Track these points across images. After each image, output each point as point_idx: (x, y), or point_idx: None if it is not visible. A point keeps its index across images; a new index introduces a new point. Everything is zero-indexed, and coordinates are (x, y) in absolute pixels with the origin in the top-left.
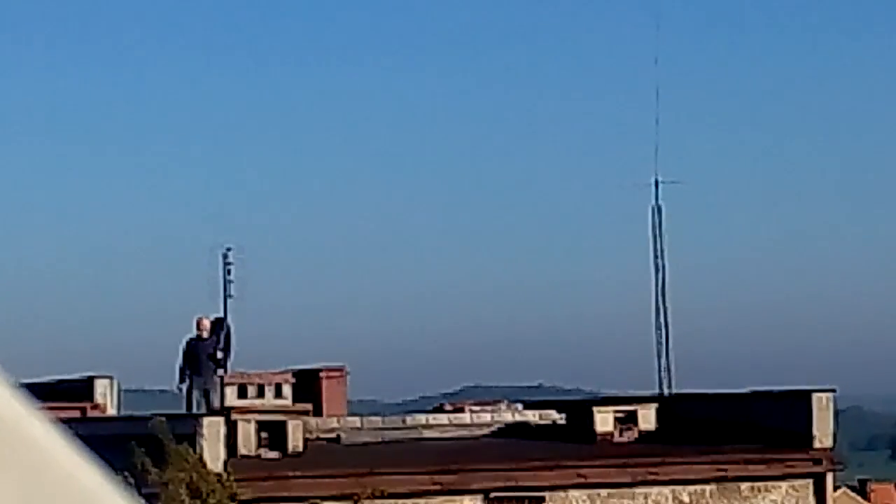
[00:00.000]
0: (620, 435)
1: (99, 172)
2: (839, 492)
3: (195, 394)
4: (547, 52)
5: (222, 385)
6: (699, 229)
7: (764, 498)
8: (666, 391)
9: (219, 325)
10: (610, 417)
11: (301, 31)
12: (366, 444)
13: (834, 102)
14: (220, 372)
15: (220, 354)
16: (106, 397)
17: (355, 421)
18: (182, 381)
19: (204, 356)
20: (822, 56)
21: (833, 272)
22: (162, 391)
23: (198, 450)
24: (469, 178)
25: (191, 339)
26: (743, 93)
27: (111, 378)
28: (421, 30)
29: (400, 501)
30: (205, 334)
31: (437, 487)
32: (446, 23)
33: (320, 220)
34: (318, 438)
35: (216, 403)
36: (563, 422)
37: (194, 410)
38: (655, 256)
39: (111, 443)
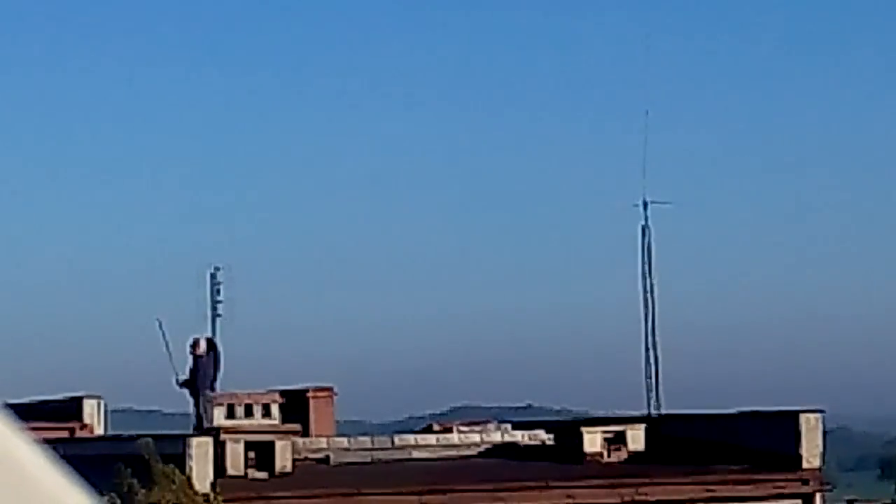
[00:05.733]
0: (609, 455)
1: (86, 192)
2: None
3: (204, 411)
4: (535, 73)
5: (211, 405)
6: (688, 250)
7: None
8: (654, 412)
9: (208, 344)
10: (598, 438)
11: (286, 50)
12: (354, 464)
13: (825, 123)
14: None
15: (214, 373)
16: (94, 417)
17: (343, 441)
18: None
19: (202, 375)
20: (812, 75)
21: (822, 292)
22: (150, 411)
23: (186, 470)
24: (457, 200)
25: (195, 359)
26: (732, 113)
27: (99, 398)
28: (408, 56)
29: None
30: (199, 351)
31: None
32: (433, 46)
33: (309, 239)
34: (306, 459)
35: (214, 421)
36: (551, 442)
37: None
38: (644, 277)
39: (98, 463)
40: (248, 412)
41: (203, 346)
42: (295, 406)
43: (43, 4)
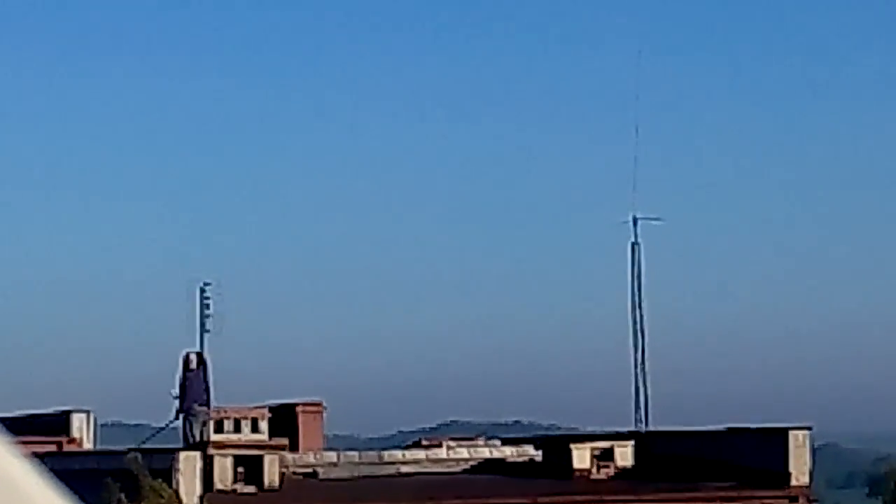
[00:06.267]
0: (597, 471)
1: (74, 207)
2: None
3: (188, 426)
4: (525, 88)
5: (198, 419)
6: (677, 266)
7: None
8: (643, 428)
9: (198, 360)
10: (587, 454)
11: (276, 65)
12: (342, 479)
13: (816, 139)
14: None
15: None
16: (82, 431)
17: (332, 456)
18: (178, 414)
19: (193, 390)
20: (804, 91)
21: (810, 310)
22: (138, 425)
23: (174, 484)
24: (445, 216)
25: (185, 373)
26: (723, 130)
27: (88, 412)
28: (400, 72)
29: None
30: (191, 366)
31: None
32: (424, 61)
33: (298, 254)
34: (294, 473)
35: (205, 436)
36: (539, 458)
37: (191, 442)
38: (634, 293)
39: (87, 477)
40: (237, 427)
41: (194, 361)
42: (283, 421)
43: (17, 23)
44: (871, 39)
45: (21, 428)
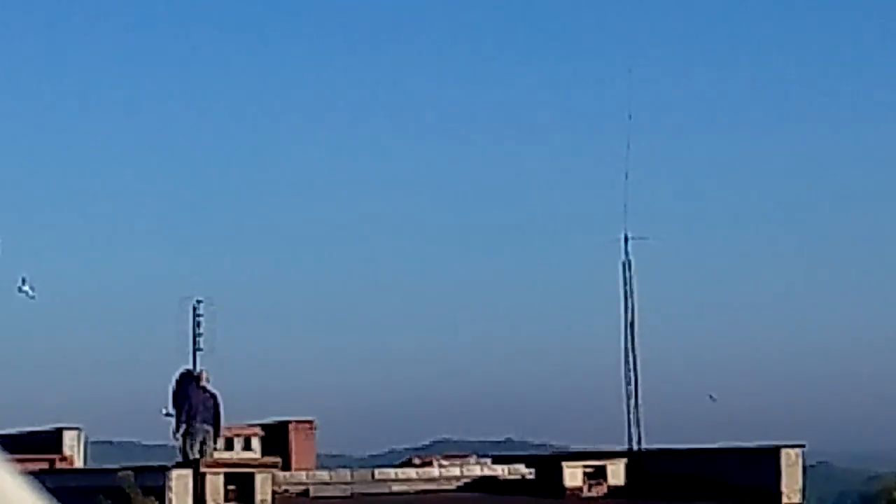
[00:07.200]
0: (589, 490)
1: (66, 224)
2: None
3: (188, 444)
4: (516, 106)
5: (195, 438)
6: (668, 285)
7: None
8: (635, 446)
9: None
10: (579, 472)
11: (268, 80)
12: (334, 497)
13: (808, 158)
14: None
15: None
16: (74, 449)
17: (324, 475)
18: (178, 430)
19: (201, 408)
20: (793, 109)
21: (803, 328)
22: (129, 443)
23: (166, 502)
24: (437, 235)
25: (191, 390)
26: (714, 149)
27: (79, 430)
28: (392, 91)
29: None
30: (202, 383)
31: None
32: (416, 80)
33: (291, 273)
34: (286, 492)
35: (206, 455)
36: (531, 476)
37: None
38: (625, 311)
39: (79, 495)
40: (229, 445)
41: (204, 377)
42: (275, 439)
43: None
44: (868, 57)
45: (13, 445)
